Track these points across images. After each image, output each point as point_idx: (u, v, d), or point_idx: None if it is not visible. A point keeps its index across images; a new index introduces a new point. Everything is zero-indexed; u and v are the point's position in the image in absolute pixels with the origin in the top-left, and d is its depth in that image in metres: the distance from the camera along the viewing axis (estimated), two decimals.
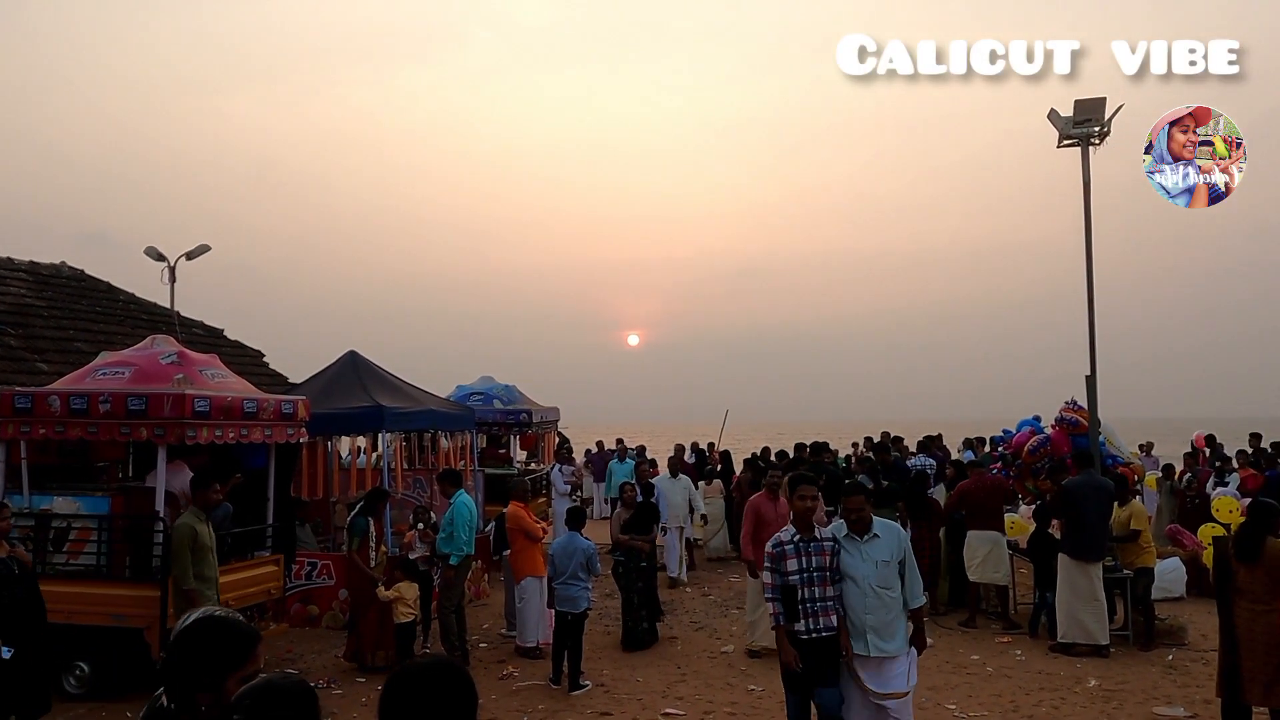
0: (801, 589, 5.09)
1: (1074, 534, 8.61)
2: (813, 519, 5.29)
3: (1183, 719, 6.82)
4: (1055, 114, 11.41)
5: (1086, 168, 11.31)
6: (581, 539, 8.10)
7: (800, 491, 5.31)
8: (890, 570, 5.16)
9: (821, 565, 5.13)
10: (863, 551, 5.17)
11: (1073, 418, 10.62)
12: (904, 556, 5.20)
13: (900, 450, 16.92)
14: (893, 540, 5.23)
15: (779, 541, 5.22)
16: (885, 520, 5.34)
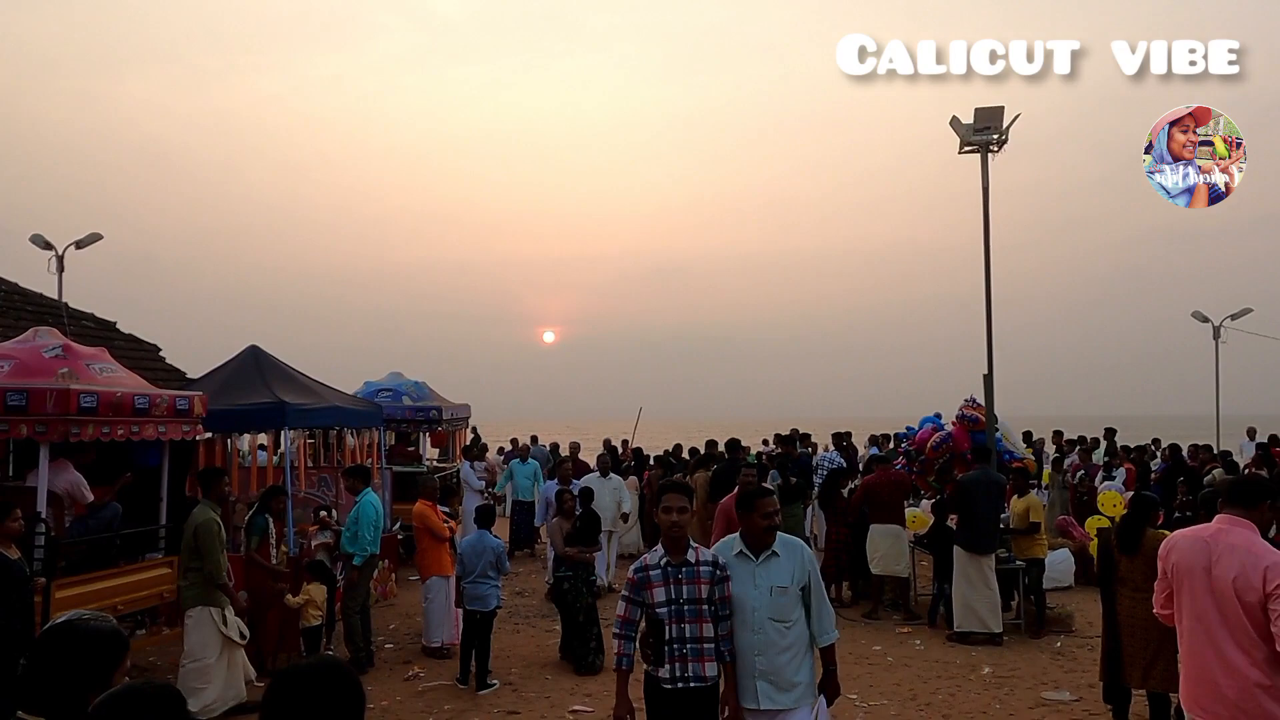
0: (669, 625, 4.03)
1: (969, 527, 8.94)
2: (686, 537, 4.18)
3: (1068, 702, 7.13)
4: (956, 121, 11.78)
5: (986, 173, 11.72)
6: (491, 537, 8.03)
7: (666, 502, 4.16)
8: (789, 600, 4.13)
9: (695, 597, 4.05)
10: (755, 575, 4.13)
11: (971, 415, 11.00)
12: (808, 581, 4.19)
13: (810, 447, 17.30)
14: (794, 561, 4.18)
15: (643, 565, 4.15)
16: (789, 536, 4.32)
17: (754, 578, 4.15)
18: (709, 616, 4.07)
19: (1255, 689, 3.66)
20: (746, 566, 4.19)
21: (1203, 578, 3.85)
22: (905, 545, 10.29)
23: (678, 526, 4.12)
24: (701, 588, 4.09)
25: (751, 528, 4.20)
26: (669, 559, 4.12)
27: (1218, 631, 3.78)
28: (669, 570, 4.10)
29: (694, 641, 4.05)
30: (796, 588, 4.16)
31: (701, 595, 4.08)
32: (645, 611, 4.12)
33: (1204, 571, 3.85)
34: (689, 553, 4.14)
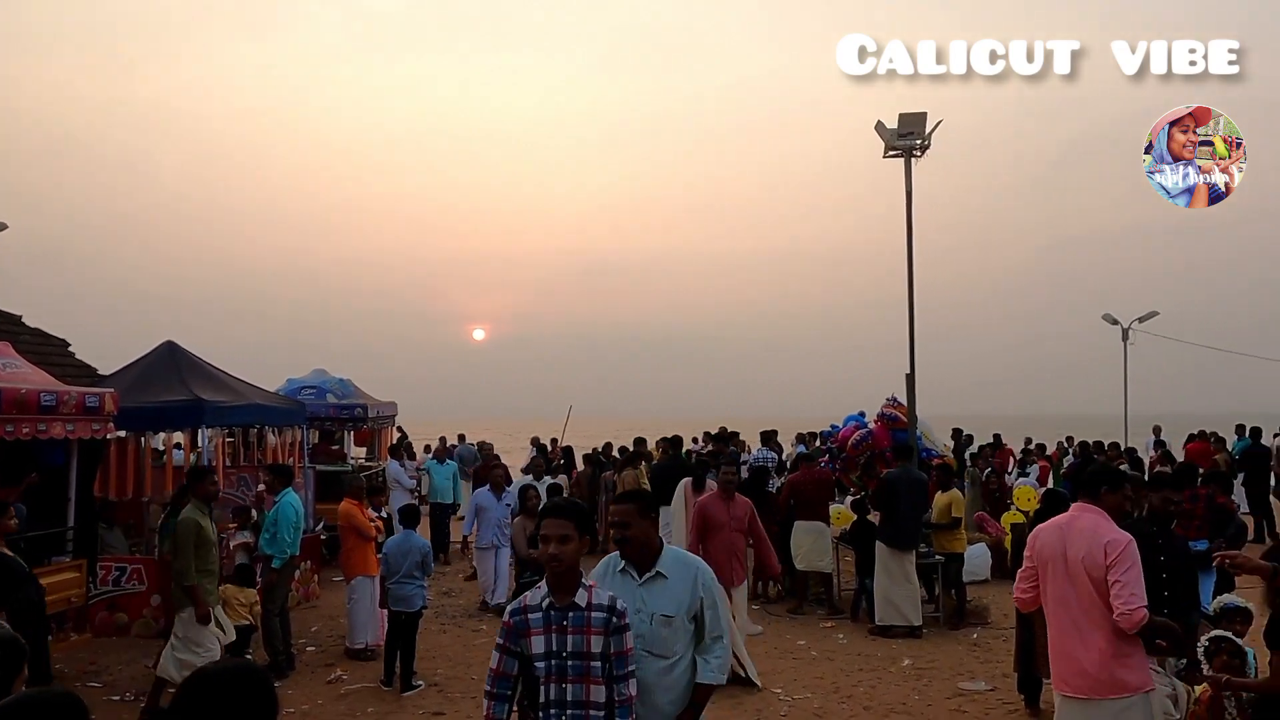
0: (546, 685, 3.20)
1: (890, 523, 9.15)
2: (575, 573, 3.28)
3: (984, 691, 7.36)
4: (881, 126, 12.04)
5: (909, 178, 12.00)
6: (417, 537, 7.94)
7: (544, 529, 3.26)
8: (674, 631, 3.49)
9: (581, 650, 3.20)
10: (638, 598, 3.51)
11: (893, 413, 11.26)
12: (700, 609, 3.54)
13: (739, 445, 17.48)
14: (685, 584, 3.55)
15: (521, 607, 3.29)
16: (684, 554, 3.74)
17: (636, 601, 3.50)
18: (599, 676, 3.20)
19: (1109, 660, 3.99)
20: (627, 587, 3.54)
21: (1060, 562, 4.16)
22: (829, 542, 10.48)
23: (557, 560, 3.21)
24: (592, 639, 3.19)
25: (544, 558, 3.29)
26: (553, 600, 3.25)
27: (1075, 610, 4.09)
28: (551, 615, 3.22)
29: (577, 707, 3.18)
30: (685, 617, 3.52)
31: (591, 649, 3.20)
32: (522, 665, 3.27)
33: (1061, 556, 4.16)
34: (579, 593, 3.24)
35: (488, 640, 9.14)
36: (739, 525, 7.55)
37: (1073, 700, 4.14)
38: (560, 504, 3.45)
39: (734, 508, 7.57)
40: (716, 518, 7.47)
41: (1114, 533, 4.08)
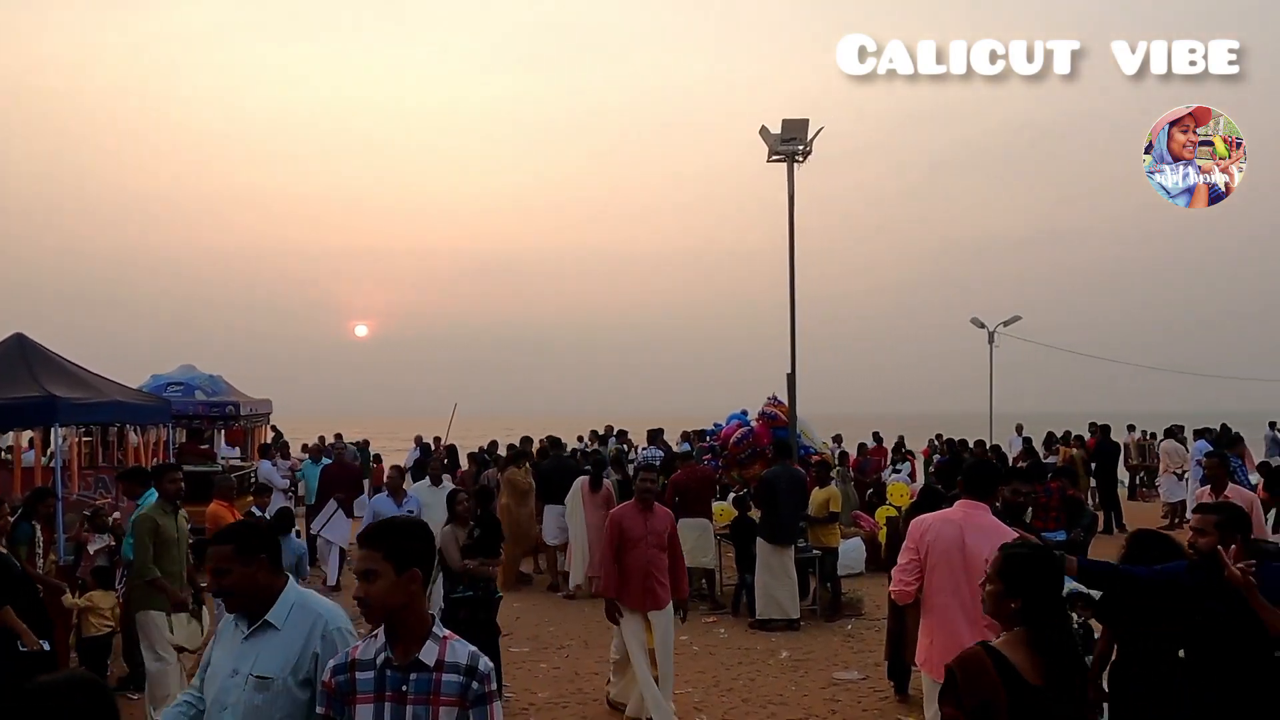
0: None
1: (770, 520, 9.37)
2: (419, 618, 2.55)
3: (856, 680, 7.61)
4: (765, 130, 12.32)
5: (791, 182, 12.31)
6: (292, 539, 7.68)
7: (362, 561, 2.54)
8: (272, 698, 2.69)
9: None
10: (236, 655, 2.78)
11: (773, 412, 11.53)
12: (314, 671, 2.71)
13: (628, 443, 17.57)
14: (299, 636, 2.76)
15: (347, 662, 2.56)
16: (309, 596, 2.95)
17: (231, 657, 2.79)
18: None
19: None
20: (234, 643, 2.83)
21: (957, 554, 4.35)
22: (712, 538, 10.64)
23: (364, 605, 2.52)
24: (440, 712, 2.45)
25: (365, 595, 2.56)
26: (391, 654, 2.51)
27: (969, 603, 4.25)
28: (387, 676, 2.49)
29: None
30: (292, 680, 2.71)
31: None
32: None
33: (958, 549, 4.35)
34: (427, 647, 2.49)
35: None
36: (658, 540, 6.48)
37: None
38: (369, 531, 2.61)
39: (652, 520, 6.48)
40: (632, 532, 6.39)
41: (1003, 533, 4.25)
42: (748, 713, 6.91)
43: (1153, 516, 16.09)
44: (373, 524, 2.71)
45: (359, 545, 2.61)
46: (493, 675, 2.56)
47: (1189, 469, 15.72)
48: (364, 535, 2.60)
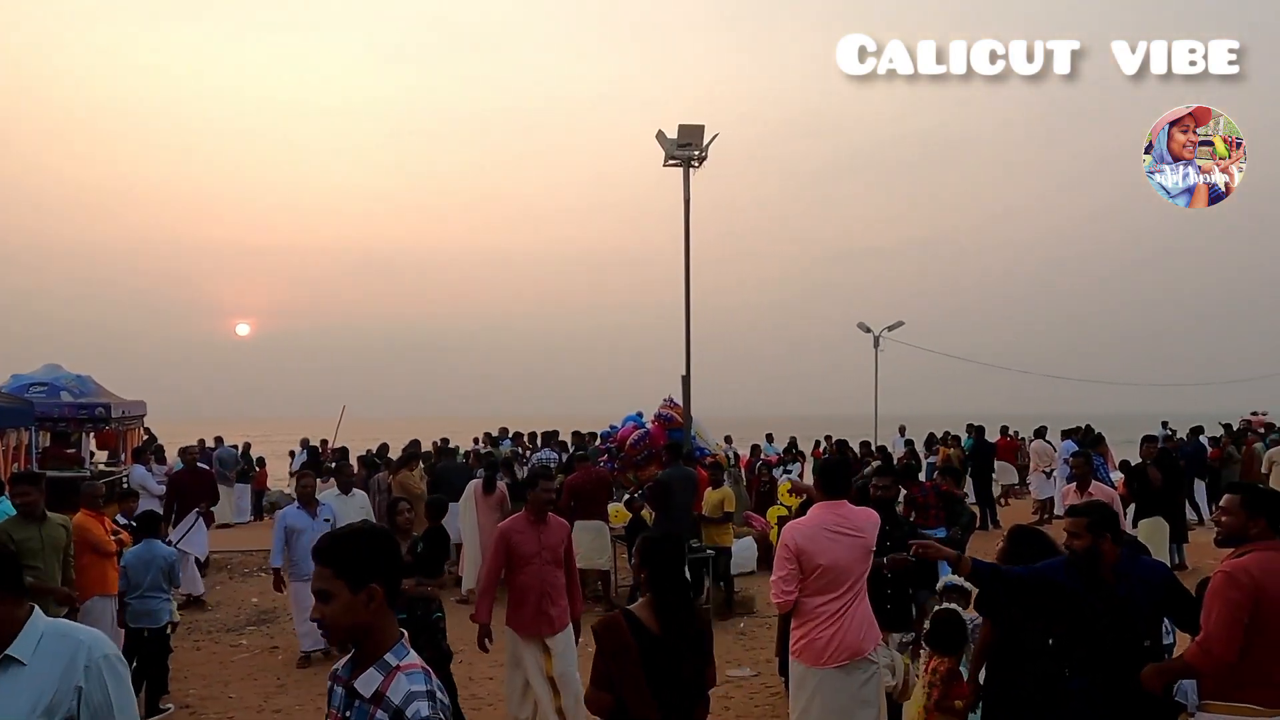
0: None
1: (665, 520, 9.46)
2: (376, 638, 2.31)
3: (749, 677, 7.76)
4: (662, 135, 12.46)
5: (687, 186, 12.48)
6: (161, 545, 7.33)
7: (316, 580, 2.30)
8: None
9: None
10: None
11: (668, 413, 11.65)
12: (76, 710, 2.36)
13: (522, 445, 17.44)
14: (53, 671, 2.37)
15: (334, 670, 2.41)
16: (64, 626, 2.53)
17: None
18: None
19: (867, 631, 4.69)
20: None
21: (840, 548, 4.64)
22: (608, 539, 10.66)
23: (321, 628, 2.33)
24: None
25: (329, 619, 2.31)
26: (350, 673, 2.33)
27: (860, 593, 4.67)
28: (341, 695, 2.35)
29: None
30: None
31: None
32: None
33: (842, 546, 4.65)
34: (369, 675, 2.27)
35: (249, 656, 8.58)
36: (554, 555, 5.72)
37: (832, 670, 4.59)
38: (319, 545, 2.34)
39: (546, 533, 5.73)
40: (524, 548, 5.62)
41: None
42: None
43: (1024, 513, 16.94)
44: (324, 536, 2.42)
45: (320, 563, 2.31)
46: None
47: (1057, 467, 16.63)
48: (315, 550, 2.34)
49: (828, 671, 4.63)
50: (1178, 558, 11.56)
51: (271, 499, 19.14)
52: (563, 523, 5.99)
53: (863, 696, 4.65)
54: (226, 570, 12.78)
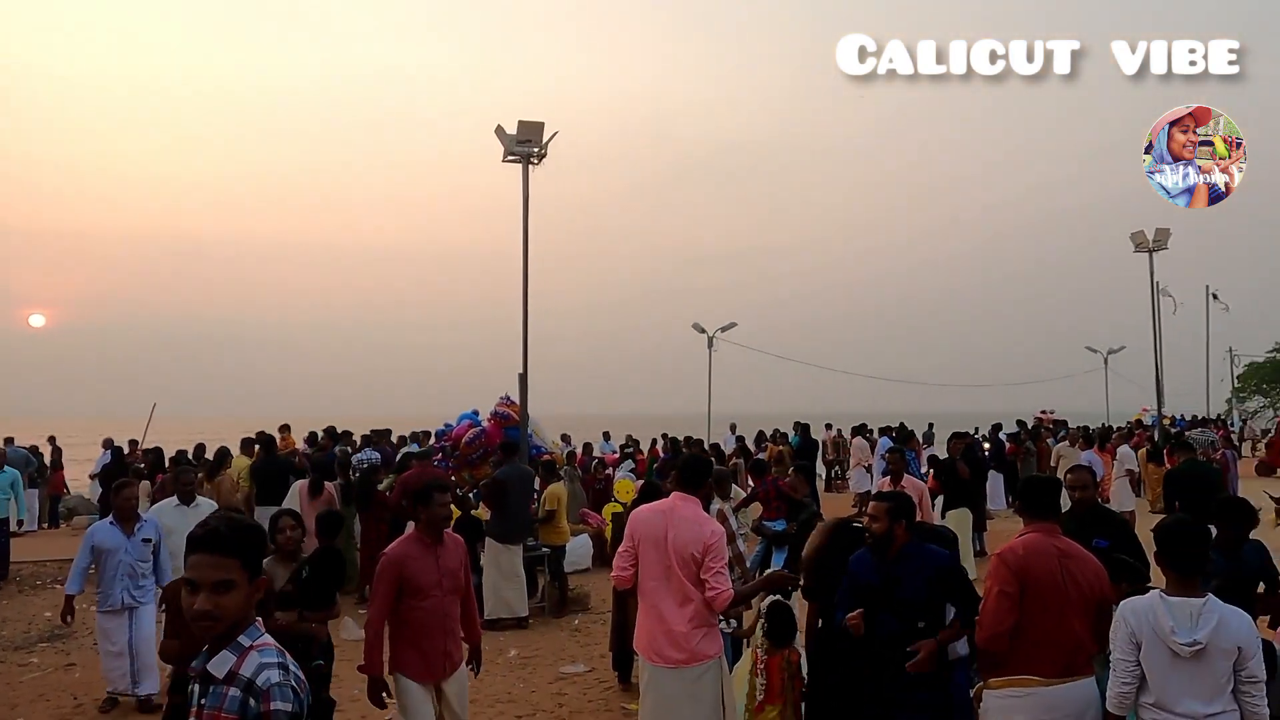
0: None
1: (501, 518, 9.38)
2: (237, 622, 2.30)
3: (583, 673, 7.81)
4: (501, 131, 12.32)
5: (526, 183, 12.39)
6: None
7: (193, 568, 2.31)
8: None
9: None
10: None
11: (505, 411, 11.54)
12: None
13: (350, 444, 16.80)
14: None
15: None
16: None
17: None
18: None
19: (695, 633, 4.55)
20: None
21: (661, 544, 4.62)
22: None
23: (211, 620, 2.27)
24: None
25: None
26: (204, 659, 2.32)
27: (673, 587, 4.58)
28: (195, 689, 2.33)
29: None
30: None
31: None
32: None
33: (662, 539, 4.62)
34: (221, 657, 2.28)
35: (39, 676, 7.87)
36: (454, 583, 4.84)
37: (663, 669, 4.58)
38: (220, 534, 2.29)
39: (445, 556, 4.80)
40: (421, 577, 4.68)
41: (712, 524, 4.64)
42: (475, 713, 6.84)
43: (845, 506, 17.84)
44: (220, 525, 2.33)
45: (198, 550, 2.27)
46: (278, 692, 2.23)
47: (874, 462, 17.62)
48: (212, 538, 2.28)
49: (651, 669, 4.64)
50: (979, 544, 12.49)
51: (69, 504, 17.72)
52: (459, 540, 5.03)
53: (693, 692, 4.59)
54: (15, 582, 11.68)
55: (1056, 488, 4.41)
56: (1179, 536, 3.66)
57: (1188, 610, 3.54)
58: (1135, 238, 21.60)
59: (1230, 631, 3.50)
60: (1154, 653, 3.57)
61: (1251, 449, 33.71)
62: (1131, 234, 21.70)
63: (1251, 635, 3.52)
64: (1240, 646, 3.48)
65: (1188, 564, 3.62)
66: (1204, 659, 3.49)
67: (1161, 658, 3.55)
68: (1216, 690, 3.49)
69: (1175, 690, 3.53)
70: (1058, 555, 4.09)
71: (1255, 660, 3.47)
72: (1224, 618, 3.52)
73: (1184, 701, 3.52)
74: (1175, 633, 3.51)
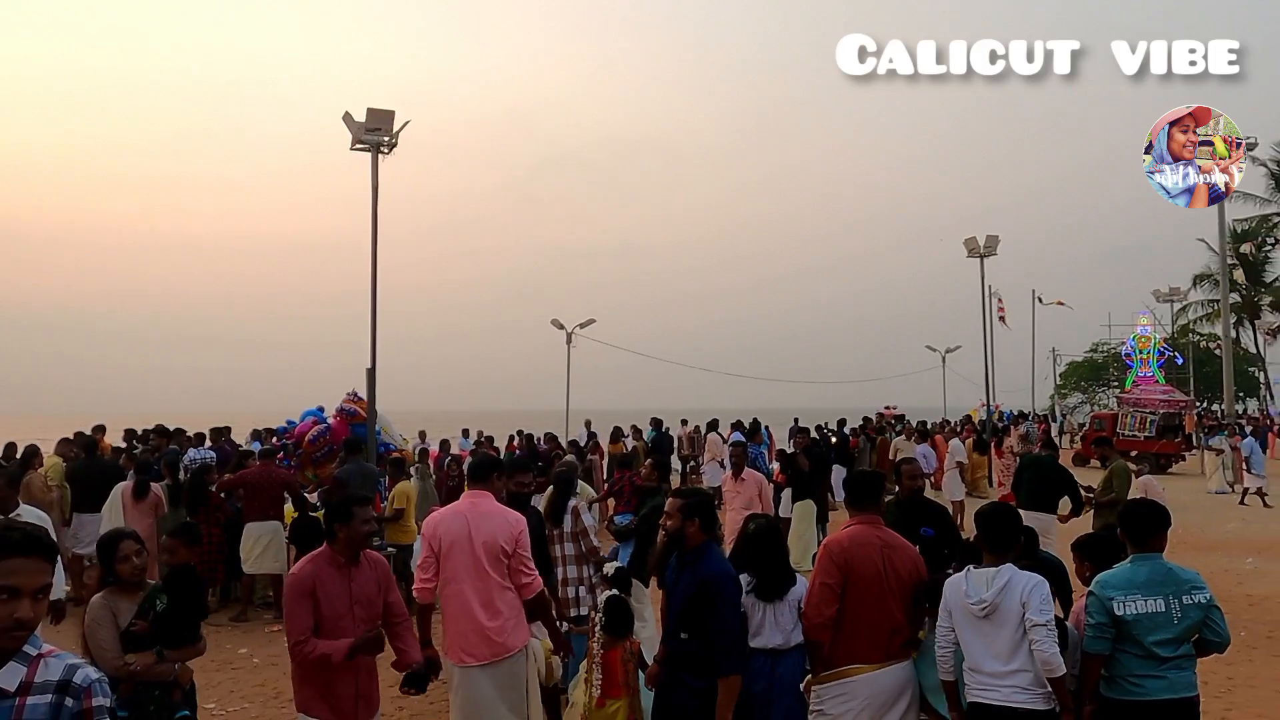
0: None
1: None
2: None
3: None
4: (350, 117, 11.94)
5: (376, 173, 12.06)
6: None
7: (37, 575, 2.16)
8: None
9: None
10: None
11: (352, 408, 11.20)
12: None
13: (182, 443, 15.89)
14: None
15: None
16: None
17: None
18: None
19: (504, 625, 4.57)
20: None
21: (466, 544, 4.57)
22: (282, 541, 10.05)
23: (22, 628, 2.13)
24: None
25: None
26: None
27: (484, 585, 4.54)
28: None
29: None
30: None
31: None
32: None
33: (466, 539, 4.58)
34: (14, 665, 2.12)
35: None
36: (371, 610, 4.19)
37: (473, 669, 4.55)
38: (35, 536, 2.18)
39: (360, 580, 4.13)
40: (330, 604, 4.02)
41: (514, 515, 4.68)
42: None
43: None
44: (31, 529, 2.23)
45: (17, 554, 2.13)
46: (99, 688, 2.17)
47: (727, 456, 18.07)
48: (33, 542, 2.17)
49: (461, 671, 4.59)
50: (823, 535, 13.01)
51: None
52: (379, 562, 4.39)
53: (505, 684, 4.57)
54: None
55: (880, 481, 4.64)
56: (991, 519, 4.09)
57: (984, 577, 3.93)
58: (968, 244, 22.99)
59: (1016, 589, 3.85)
60: (959, 618, 3.97)
61: (1070, 441, 36.53)
62: (964, 240, 23.09)
63: (1038, 590, 3.83)
64: (1024, 601, 3.82)
65: (998, 542, 4.02)
66: (997, 618, 3.84)
67: (964, 621, 3.94)
68: (1014, 648, 3.81)
69: (978, 651, 3.89)
70: (880, 546, 4.32)
71: (1035, 609, 3.78)
72: (1014, 579, 3.89)
73: (987, 661, 3.86)
74: (969, 595, 3.91)
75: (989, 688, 3.83)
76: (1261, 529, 15.07)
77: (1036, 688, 3.77)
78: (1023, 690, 3.77)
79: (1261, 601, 9.72)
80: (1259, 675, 7.14)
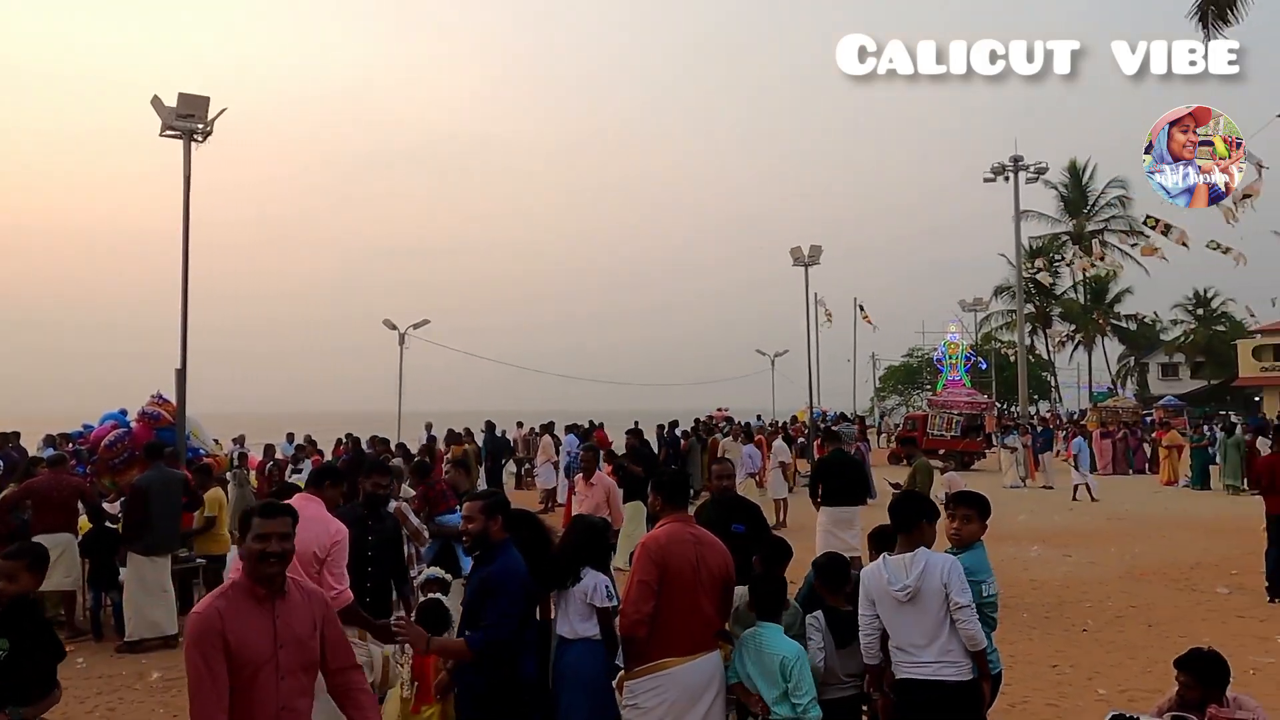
0: None
1: (144, 529, 8.50)
2: None
3: None
4: (159, 102, 11.25)
5: (188, 161, 11.40)
6: None
7: None
8: None
9: None
10: None
11: (156, 411, 10.53)
12: None
13: None
14: None
15: None
16: None
17: None
18: None
19: None
20: None
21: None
22: (76, 553, 9.31)
23: None
24: None
25: None
26: None
27: None
28: None
29: None
30: None
31: None
32: None
33: None
34: None
35: None
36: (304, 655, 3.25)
37: None
38: None
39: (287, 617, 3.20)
40: (246, 649, 3.07)
41: (336, 524, 4.56)
42: None
43: (531, 501, 18.20)
44: None
45: None
46: None
47: (561, 459, 18.13)
48: None
49: None
50: None
51: None
52: (314, 594, 3.45)
53: None
54: None
55: (687, 480, 4.88)
56: (901, 506, 4.51)
57: (902, 564, 4.26)
58: (794, 253, 24.03)
59: (934, 572, 4.20)
60: (883, 605, 4.28)
61: (888, 441, 38.84)
62: (790, 249, 24.13)
63: (954, 571, 4.20)
64: (945, 583, 4.17)
65: (905, 524, 4.38)
66: (920, 602, 4.17)
67: (888, 607, 4.26)
68: (938, 628, 4.17)
69: (904, 633, 4.22)
70: (693, 542, 4.48)
71: (956, 590, 4.13)
72: (930, 562, 4.24)
73: (914, 641, 4.21)
74: (891, 583, 4.22)
75: (919, 665, 4.18)
76: (1046, 520, 16.49)
77: (962, 660, 4.16)
78: (949, 665, 4.15)
79: (1042, 585, 10.68)
80: (1035, 651, 7.86)
